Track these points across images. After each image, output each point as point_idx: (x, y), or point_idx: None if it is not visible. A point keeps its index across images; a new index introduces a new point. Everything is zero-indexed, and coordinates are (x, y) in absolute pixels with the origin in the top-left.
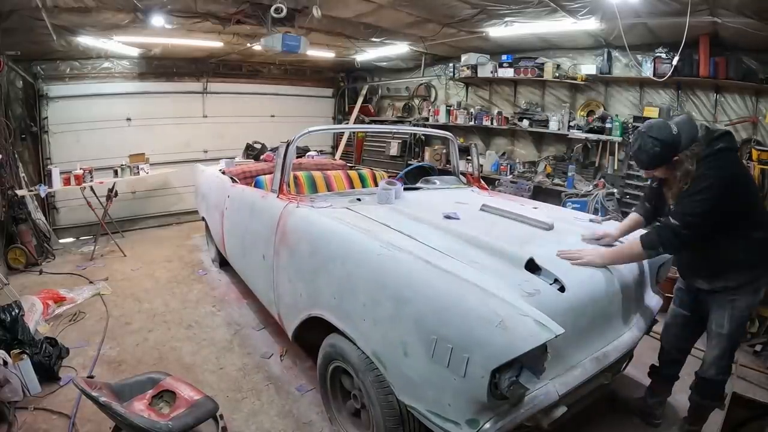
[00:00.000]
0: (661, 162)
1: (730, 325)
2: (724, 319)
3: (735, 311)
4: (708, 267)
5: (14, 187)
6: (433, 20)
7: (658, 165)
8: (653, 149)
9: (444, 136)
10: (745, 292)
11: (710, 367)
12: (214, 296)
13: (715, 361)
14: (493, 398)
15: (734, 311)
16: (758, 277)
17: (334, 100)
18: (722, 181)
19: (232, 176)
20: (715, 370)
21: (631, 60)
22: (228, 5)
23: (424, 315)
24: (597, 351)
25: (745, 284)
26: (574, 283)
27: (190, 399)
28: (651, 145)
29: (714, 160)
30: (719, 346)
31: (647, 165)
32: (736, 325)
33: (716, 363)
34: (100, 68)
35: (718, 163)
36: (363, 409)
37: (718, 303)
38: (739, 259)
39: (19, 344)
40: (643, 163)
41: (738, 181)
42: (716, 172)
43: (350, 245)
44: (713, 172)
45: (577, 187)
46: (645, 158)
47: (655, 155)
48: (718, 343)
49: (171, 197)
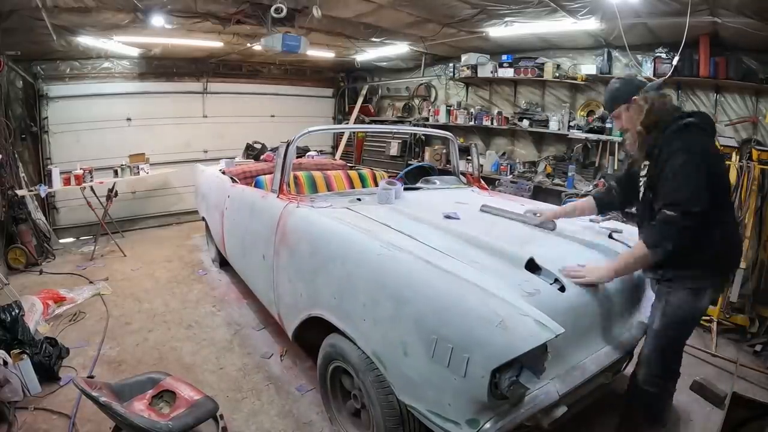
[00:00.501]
0: (619, 99)
1: (661, 322)
2: (656, 313)
3: (667, 307)
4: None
5: (14, 187)
6: (433, 20)
7: (617, 103)
8: (613, 86)
9: (444, 136)
10: (682, 288)
11: (639, 366)
12: (214, 296)
13: (644, 360)
14: (494, 398)
15: (667, 307)
16: (702, 277)
17: (334, 100)
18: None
19: (232, 176)
20: (642, 373)
21: (631, 60)
22: (228, 5)
23: (425, 315)
24: (597, 351)
25: (683, 278)
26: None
27: (190, 399)
28: (613, 84)
29: (681, 133)
30: (648, 344)
31: (609, 103)
32: (666, 324)
33: (644, 363)
34: (100, 68)
35: (688, 136)
36: (363, 409)
37: (657, 294)
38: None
39: (19, 344)
40: (606, 102)
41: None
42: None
43: (350, 245)
44: (681, 144)
45: (577, 187)
46: (607, 97)
47: (615, 91)
48: (648, 340)
49: (171, 197)
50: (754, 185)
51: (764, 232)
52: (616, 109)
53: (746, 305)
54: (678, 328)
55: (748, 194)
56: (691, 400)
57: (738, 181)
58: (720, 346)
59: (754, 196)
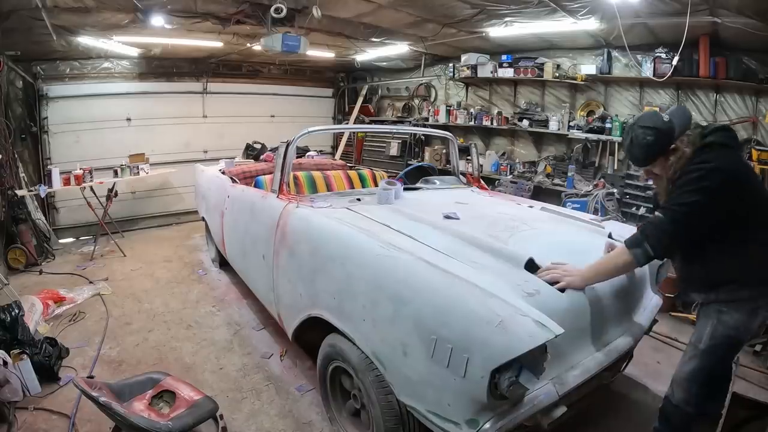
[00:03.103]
0: (657, 153)
1: (710, 341)
2: (705, 331)
3: (720, 326)
4: (703, 278)
5: (14, 187)
6: (433, 20)
7: (653, 157)
8: (645, 139)
9: (444, 136)
10: (739, 308)
11: (677, 388)
12: (214, 296)
13: (682, 382)
14: (493, 398)
15: (719, 325)
16: (760, 296)
17: (334, 100)
18: (714, 174)
19: (232, 176)
20: (681, 393)
21: (631, 60)
22: (228, 5)
23: (424, 315)
24: (597, 351)
25: (742, 300)
26: None
27: (190, 399)
28: (643, 135)
29: (703, 153)
30: (691, 363)
31: (644, 158)
32: (717, 343)
33: (683, 385)
34: (100, 68)
35: (710, 156)
36: (363, 409)
37: (705, 313)
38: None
39: (19, 344)
40: (639, 159)
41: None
42: (707, 164)
43: (350, 245)
44: (703, 163)
45: (577, 187)
46: (639, 152)
47: (650, 145)
48: (690, 359)
49: (171, 197)
50: None
51: None
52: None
53: None
54: (729, 349)
55: None
56: None
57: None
58: None
59: None
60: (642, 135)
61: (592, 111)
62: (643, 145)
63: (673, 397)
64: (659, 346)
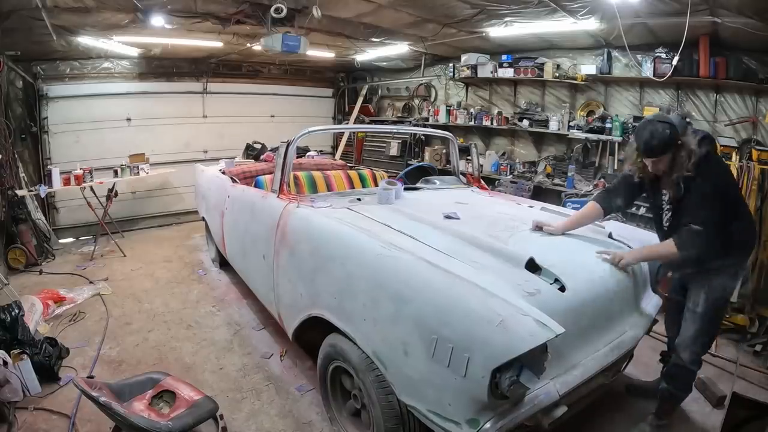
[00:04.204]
0: (671, 145)
1: (706, 305)
2: (699, 298)
3: (710, 291)
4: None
5: (14, 187)
6: (433, 20)
7: (668, 148)
8: (664, 132)
9: (444, 136)
10: (723, 273)
11: (684, 350)
12: (214, 296)
13: (689, 343)
14: (494, 398)
15: (710, 291)
16: (738, 263)
17: (334, 100)
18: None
19: (232, 176)
20: (688, 355)
21: (631, 60)
22: (228, 5)
23: (425, 315)
24: (597, 351)
25: (726, 266)
26: (575, 282)
27: (190, 399)
28: (662, 128)
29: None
30: (693, 326)
31: (662, 148)
32: (711, 306)
33: (689, 346)
34: (100, 68)
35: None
36: (363, 409)
37: (697, 282)
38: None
39: (19, 344)
40: (656, 149)
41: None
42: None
43: (350, 245)
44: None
45: (577, 187)
46: (658, 143)
47: (667, 138)
48: (692, 323)
49: (171, 197)
50: (754, 185)
51: (764, 232)
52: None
53: (746, 305)
54: (720, 306)
55: (748, 194)
56: (691, 400)
57: (738, 181)
58: (720, 346)
59: (754, 196)
60: (662, 128)
61: (592, 111)
62: (663, 137)
63: (680, 360)
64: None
